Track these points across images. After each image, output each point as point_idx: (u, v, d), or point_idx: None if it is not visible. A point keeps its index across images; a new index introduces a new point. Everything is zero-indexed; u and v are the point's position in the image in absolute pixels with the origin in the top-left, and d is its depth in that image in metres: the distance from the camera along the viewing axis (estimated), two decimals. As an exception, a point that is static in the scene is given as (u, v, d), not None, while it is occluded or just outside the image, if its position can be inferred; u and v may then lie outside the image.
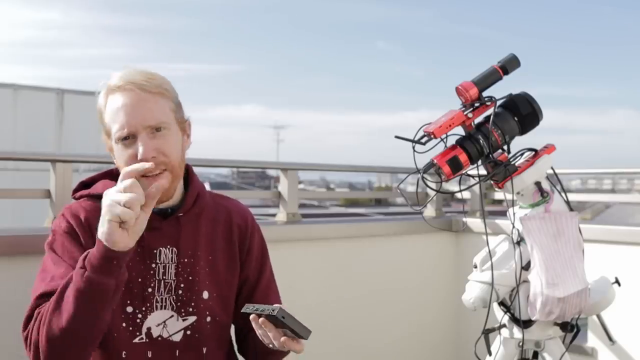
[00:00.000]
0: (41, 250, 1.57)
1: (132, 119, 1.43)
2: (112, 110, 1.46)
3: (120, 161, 1.47)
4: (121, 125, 1.43)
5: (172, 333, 1.48)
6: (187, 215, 1.54)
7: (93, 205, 1.51)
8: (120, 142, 1.44)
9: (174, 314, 1.49)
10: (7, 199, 3.00)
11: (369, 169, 3.61)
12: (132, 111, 1.43)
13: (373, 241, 2.95)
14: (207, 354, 1.52)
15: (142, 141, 1.42)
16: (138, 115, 1.43)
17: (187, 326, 1.50)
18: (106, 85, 1.49)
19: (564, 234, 1.61)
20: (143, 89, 1.45)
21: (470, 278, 1.70)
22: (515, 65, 1.63)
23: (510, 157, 1.64)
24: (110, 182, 1.56)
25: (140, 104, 1.44)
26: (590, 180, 18.97)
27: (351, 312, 2.76)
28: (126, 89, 1.44)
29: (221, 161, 2.82)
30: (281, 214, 2.78)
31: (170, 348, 1.48)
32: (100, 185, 1.55)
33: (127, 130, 1.43)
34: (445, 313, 3.14)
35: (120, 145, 1.45)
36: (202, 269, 1.54)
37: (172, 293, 1.50)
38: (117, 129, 1.44)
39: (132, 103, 1.44)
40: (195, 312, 1.51)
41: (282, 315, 1.30)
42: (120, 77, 1.46)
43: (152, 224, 1.50)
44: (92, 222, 1.47)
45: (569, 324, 1.66)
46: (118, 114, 1.44)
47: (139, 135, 1.43)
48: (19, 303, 1.91)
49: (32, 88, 12.52)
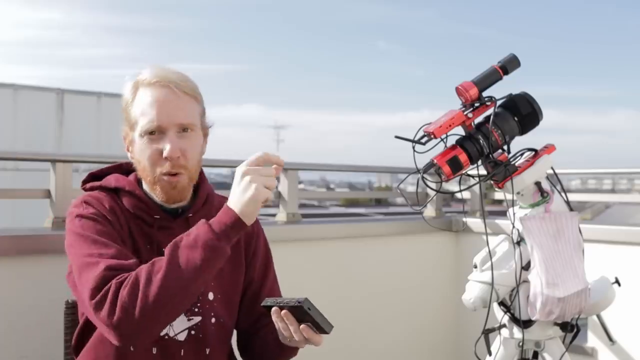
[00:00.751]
0: (41, 250, 1.57)
1: (164, 114, 1.43)
2: (143, 103, 1.45)
3: (141, 155, 1.46)
4: (152, 118, 1.43)
5: (177, 332, 1.49)
6: (197, 215, 1.54)
7: (108, 197, 1.50)
8: (147, 135, 1.44)
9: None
10: (7, 199, 2.99)
11: (369, 169, 3.61)
12: (166, 107, 1.44)
13: (373, 241, 2.95)
14: (210, 355, 1.52)
15: (171, 139, 1.43)
16: (171, 112, 1.44)
17: (191, 326, 1.50)
18: (134, 78, 1.47)
19: (564, 234, 1.61)
20: (179, 88, 1.45)
21: (470, 278, 1.70)
22: (515, 65, 1.63)
23: (510, 157, 1.64)
24: (122, 176, 1.55)
25: (174, 101, 1.44)
26: (590, 180, 18.95)
27: (351, 312, 2.76)
28: (162, 85, 1.44)
29: (221, 161, 2.82)
30: (281, 214, 2.78)
31: (175, 346, 1.48)
32: (112, 179, 1.54)
33: (157, 125, 1.43)
34: (445, 313, 3.14)
35: (146, 139, 1.44)
36: None
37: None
38: (146, 122, 1.43)
39: (166, 99, 1.44)
40: (200, 313, 1.51)
41: (308, 307, 1.26)
42: (155, 73, 1.46)
43: (163, 223, 1.50)
44: (117, 211, 1.47)
45: (569, 324, 1.66)
46: (150, 107, 1.43)
47: (168, 131, 1.44)
48: (19, 303, 1.91)
49: (32, 88, 12.54)
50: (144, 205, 1.50)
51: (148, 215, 1.50)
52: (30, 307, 1.91)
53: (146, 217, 1.50)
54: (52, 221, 2.12)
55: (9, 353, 1.88)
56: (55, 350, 1.76)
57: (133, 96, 1.47)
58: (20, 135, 11.37)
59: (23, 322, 1.90)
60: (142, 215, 1.50)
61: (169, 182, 1.46)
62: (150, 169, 1.45)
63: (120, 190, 1.52)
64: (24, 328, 1.90)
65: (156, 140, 1.44)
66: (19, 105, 11.80)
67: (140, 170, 1.49)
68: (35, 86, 13.15)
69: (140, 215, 1.50)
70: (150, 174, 1.46)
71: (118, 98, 1.53)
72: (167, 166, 1.44)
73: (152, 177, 1.46)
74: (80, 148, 11.37)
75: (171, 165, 1.44)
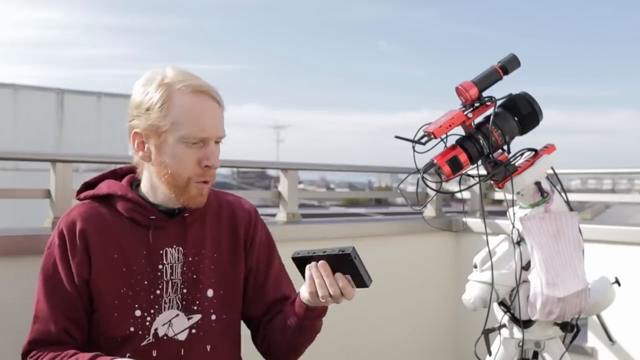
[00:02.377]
0: (41, 250, 1.57)
1: (212, 125, 1.47)
2: (190, 109, 1.44)
3: (176, 159, 1.45)
4: (202, 127, 1.45)
5: (177, 332, 1.49)
6: (193, 214, 1.54)
7: (94, 210, 1.52)
8: (191, 143, 1.45)
9: (180, 313, 1.50)
10: (7, 199, 2.99)
11: (369, 169, 3.61)
12: (214, 118, 1.48)
13: (373, 241, 2.95)
14: (212, 352, 1.52)
15: (213, 150, 1.48)
16: (217, 124, 1.48)
17: (192, 325, 1.50)
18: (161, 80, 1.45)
19: (564, 234, 1.61)
20: (219, 101, 1.50)
21: (470, 278, 1.70)
22: (515, 65, 1.63)
23: (510, 157, 1.64)
24: (115, 182, 1.56)
25: (219, 113, 1.50)
26: (590, 180, 18.97)
27: (351, 312, 2.76)
28: (208, 95, 1.47)
29: (221, 161, 2.81)
30: (281, 214, 2.78)
31: (175, 347, 1.48)
32: (104, 186, 1.55)
33: (207, 135, 1.46)
34: (445, 313, 3.14)
35: (186, 145, 1.45)
36: (206, 266, 1.54)
37: (178, 292, 1.50)
38: (195, 130, 1.44)
39: (215, 110, 1.48)
40: (200, 311, 1.51)
41: (354, 255, 1.22)
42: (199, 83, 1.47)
43: (159, 224, 1.51)
44: (89, 231, 1.49)
45: (569, 324, 1.66)
46: (201, 116, 1.45)
47: (210, 142, 1.47)
48: (19, 303, 1.91)
49: (32, 88, 12.55)
50: (138, 207, 1.50)
51: (143, 217, 1.50)
52: (30, 307, 1.91)
53: (141, 219, 1.50)
54: (52, 221, 2.11)
55: (9, 353, 1.88)
56: (55, 350, 1.76)
57: (165, 98, 1.44)
58: (20, 135, 11.37)
59: (23, 322, 1.90)
60: (137, 218, 1.50)
61: (200, 189, 1.49)
62: (185, 174, 1.46)
63: (112, 196, 1.52)
64: (24, 328, 1.90)
65: (197, 148, 1.46)
66: (19, 105, 11.80)
67: (165, 174, 1.47)
68: (35, 86, 13.16)
69: (134, 218, 1.50)
70: (183, 178, 1.46)
71: (118, 98, 1.54)
72: (205, 175, 1.48)
73: (183, 182, 1.47)
74: (80, 148, 11.37)
75: (210, 174, 1.48)
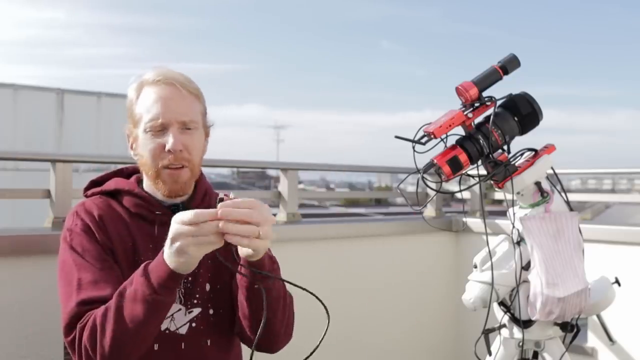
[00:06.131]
0: (41, 250, 1.58)
1: (168, 111, 1.48)
2: (147, 100, 1.49)
3: (144, 149, 1.50)
4: (156, 115, 1.47)
5: (178, 326, 1.50)
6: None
7: (105, 202, 1.54)
8: (151, 131, 1.48)
9: (182, 307, 1.51)
10: (7, 199, 2.99)
11: (369, 169, 3.61)
12: (170, 104, 1.48)
13: (373, 241, 2.95)
14: (210, 346, 1.53)
15: (173, 133, 1.47)
16: (174, 109, 1.48)
17: (192, 318, 1.51)
18: (139, 79, 1.53)
19: (564, 234, 1.61)
20: (183, 87, 1.50)
21: (470, 278, 1.70)
22: (516, 65, 1.63)
23: (510, 157, 1.64)
24: (122, 179, 1.59)
25: (178, 99, 1.49)
26: (590, 180, 18.97)
27: (351, 312, 2.76)
28: (166, 83, 1.50)
29: (221, 161, 2.82)
30: (281, 214, 2.78)
31: (176, 341, 1.49)
32: (112, 183, 1.58)
33: (162, 121, 1.47)
34: (445, 313, 3.14)
35: (149, 135, 1.48)
36: (204, 261, 1.54)
37: (181, 287, 1.50)
38: (150, 118, 1.48)
39: (170, 96, 1.49)
40: (199, 304, 1.52)
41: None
42: (160, 73, 1.51)
43: (164, 219, 1.51)
44: (106, 220, 1.50)
45: (569, 324, 1.66)
46: (154, 104, 1.48)
47: (171, 127, 1.48)
48: (19, 303, 1.91)
49: (32, 88, 12.55)
50: (144, 202, 1.53)
51: (149, 212, 1.52)
52: (30, 307, 1.91)
53: (147, 214, 1.52)
54: (52, 221, 2.12)
55: (9, 353, 1.88)
56: (55, 350, 1.76)
57: (137, 95, 1.52)
58: (20, 135, 11.37)
59: (23, 322, 1.90)
60: (143, 213, 1.52)
61: (171, 175, 1.49)
62: (152, 162, 1.49)
63: (120, 191, 1.55)
64: (24, 328, 1.90)
65: (159, 135, 1.48)
66: (19, 105, 11.81)
67: (142, 165, 1.52)
68: (35, 86, 13.16)
69: (141, 214, 1.52)
70: (153, 167, 1.49)
71: (118, 98, 1.56)
72: (170, 159, 1.48)
73: (154, 171, 1.49)
74: (80, 148, 11.38)
75: (174, 158, 1.47)
